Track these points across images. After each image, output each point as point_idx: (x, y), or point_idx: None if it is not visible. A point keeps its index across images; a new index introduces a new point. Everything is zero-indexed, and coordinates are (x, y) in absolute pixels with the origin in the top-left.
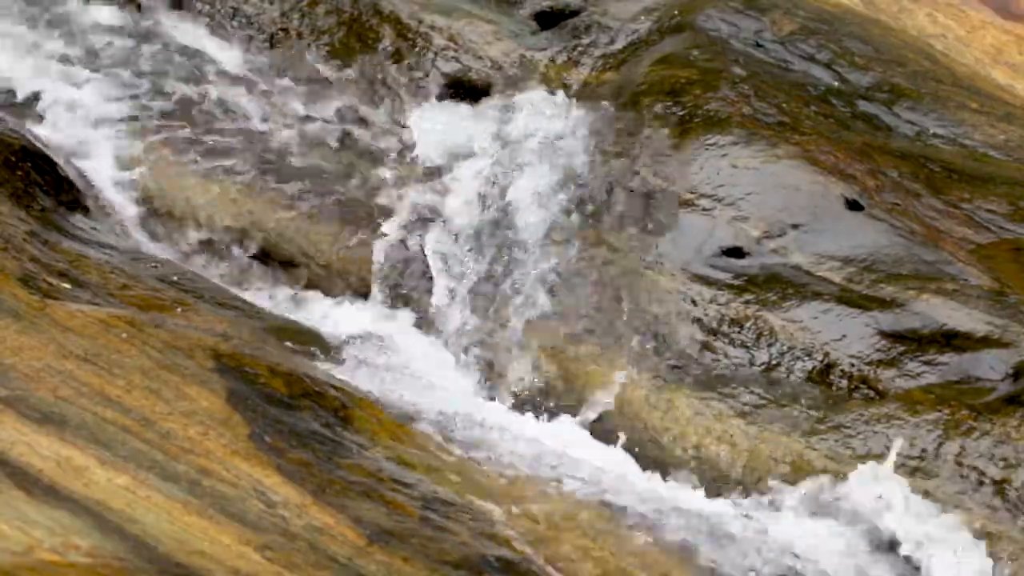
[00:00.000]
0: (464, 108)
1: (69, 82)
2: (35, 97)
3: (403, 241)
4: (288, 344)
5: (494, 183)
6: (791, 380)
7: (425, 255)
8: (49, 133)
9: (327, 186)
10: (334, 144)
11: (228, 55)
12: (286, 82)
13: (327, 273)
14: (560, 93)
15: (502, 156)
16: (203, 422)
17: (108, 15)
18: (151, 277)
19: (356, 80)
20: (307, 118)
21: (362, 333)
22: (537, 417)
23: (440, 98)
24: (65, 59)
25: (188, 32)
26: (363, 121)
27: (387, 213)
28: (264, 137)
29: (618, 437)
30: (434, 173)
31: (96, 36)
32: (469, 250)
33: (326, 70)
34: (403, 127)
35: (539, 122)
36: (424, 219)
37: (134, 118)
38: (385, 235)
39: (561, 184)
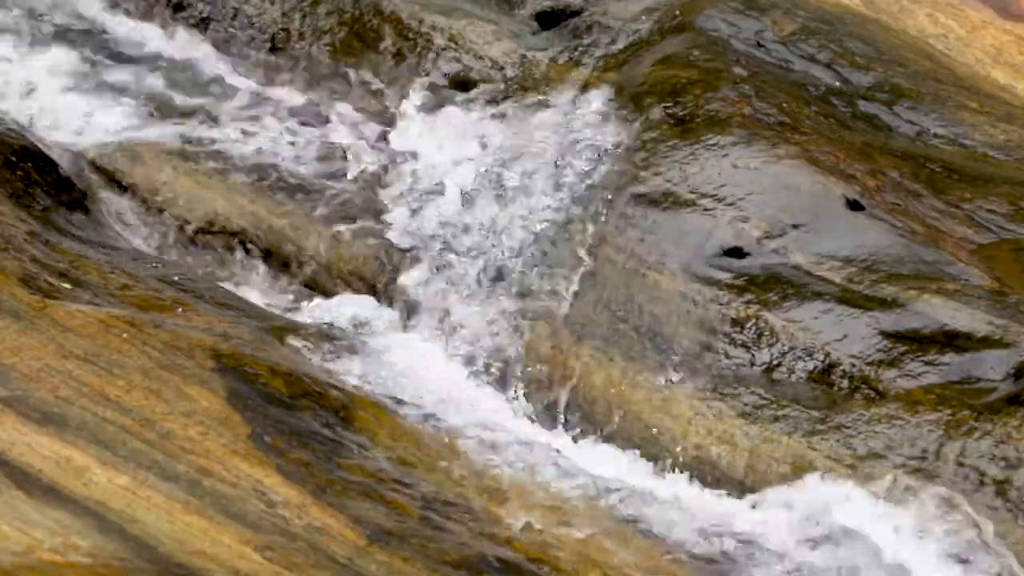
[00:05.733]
0: (464, 108)
1: (69, 82)
2: (36, 98)
3: (403, 240)
4: (288, 344)
5: (494, 183)
6: (792, 380)
7: (425, 254)
8: (50, 133)
9: (327, 186)
10: (335, 144)
11: (229, 56)
12: (286, 82)
13: (327, 273)
14: (561, 93)
15: (502, 156)
16: (203, 422)
17: (109, 17)
18: (151, 277)
19: (357, 80)
20: (307, 118)
21: (362, 332)
22: (535, 417)
23: (440, 98)
24: (66, 60)
25: (189, 33)
26: (364, 121)
27: (387, 213)
28: (264, 137)
29: (618, 437)
30: (435, 173)
31: (97, 37)
32: (468, 249)
33: (327, 70)
34: (404, 127)
35: (540, 122)
36: (424, 219)
37: (133, 118)
38: (385, 235)
39: (561, 184)
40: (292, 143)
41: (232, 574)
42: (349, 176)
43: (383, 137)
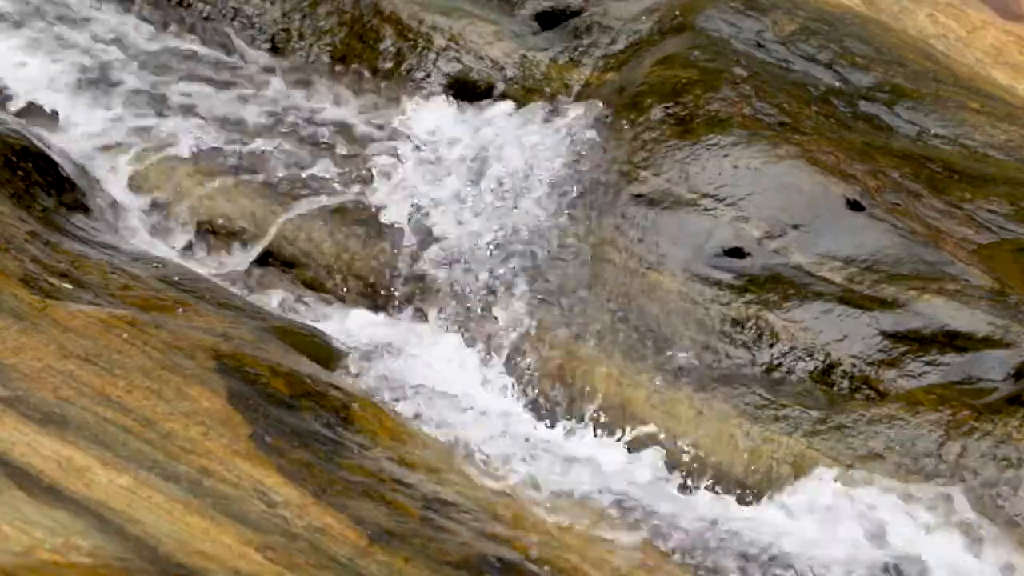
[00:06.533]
0: (465, 108)
1: (69, 83)
2: (37, 98)
3: (403, 241)
4: (289, 344)
5: (495, 183)
6: (792, 380)
7: (425, 255)
8: (50, 133)
9: (328, 186)
10: (335, 145)
11: (229, 57)
12: (287, 83)
13: (328, 274)
14: (561, 93)
15: (504, 156)
16: (204, 422)
17: (110, 18)
18: (152, 277)
19: (357, 80)
20: (308, 119)
21: (362, 333)
22: (535, 416)
23: (441, 99)
24: (66, 61)
25: (189, 34)
26: (364, 121)
27: (387, 213)
28: (265, 138)
29: (618, 438)
30: (435, 173)
31: (98, 39)
32: (469, 250)
33: (327, 70)
34: (404, 127)
35: (540, 122)
36: (424, 219)
37: (134, 118)
38: (385, 236)
39: (563, 185)
40: (293, 143)
41: (233, 574)
42: (349, 176)
43: (384, 137)
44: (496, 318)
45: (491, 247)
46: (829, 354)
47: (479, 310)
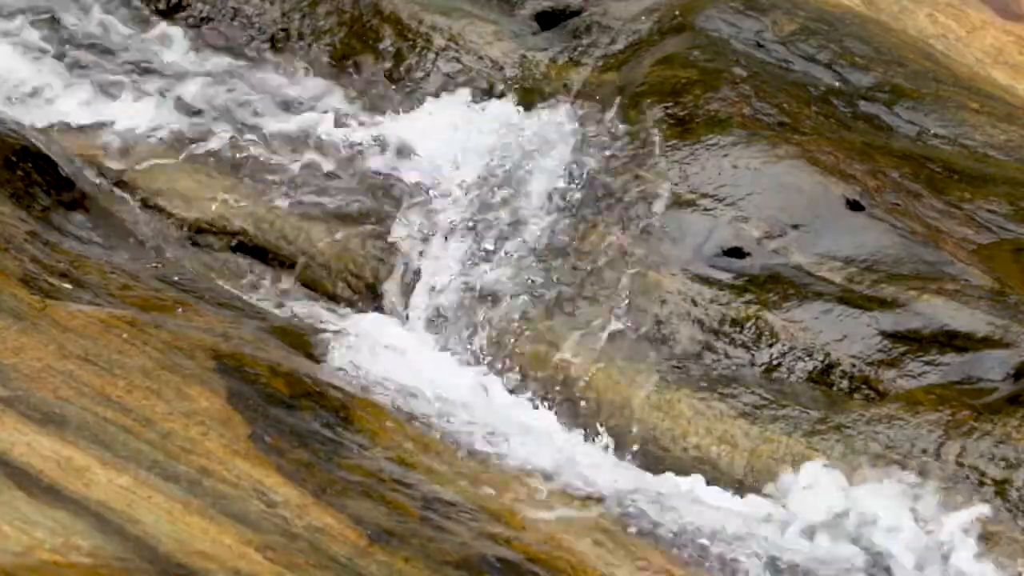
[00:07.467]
0: (465, 108)
1: (70, 82)
2: (37, 96)
3: (403, 242)
4: (289, 345)
5: (495, 184)
6: (792, 380)
7: (425, 256)
8: (50, 132)
9: (328, 186)
10: (335, 144)
11: (228, 56)
12: (286, 82)
13: (327, 274)
14: (560, 93)
15: (503, 157)
16: (204, 422)
17: (110, 18)
18: (152, 277)
19: (357, 81)
20: (307, 118)
21: (361, 333)
22: (535, 417)
23: (440, 98)
24: (67, 60)
25: (189, 34)
26: (364, 121)
27: (387, 213)
28: (264, 137)
29: (618, 438)
30: (434, 174)
31: (98, 38)
32: (468, 250)
33: (326, 71)
34: (404, 127)
35: (540, 123)
36: (424, 219)
37: (131, 117)
38: (385, 236)
39: (562, 185)
40: (292, 143)
41: (233, 574)
42: (349, 176)
43: (384, 137)
44: (494, 318)
45: (491, 248)
46: (829, 354)
47: (475, 309)
